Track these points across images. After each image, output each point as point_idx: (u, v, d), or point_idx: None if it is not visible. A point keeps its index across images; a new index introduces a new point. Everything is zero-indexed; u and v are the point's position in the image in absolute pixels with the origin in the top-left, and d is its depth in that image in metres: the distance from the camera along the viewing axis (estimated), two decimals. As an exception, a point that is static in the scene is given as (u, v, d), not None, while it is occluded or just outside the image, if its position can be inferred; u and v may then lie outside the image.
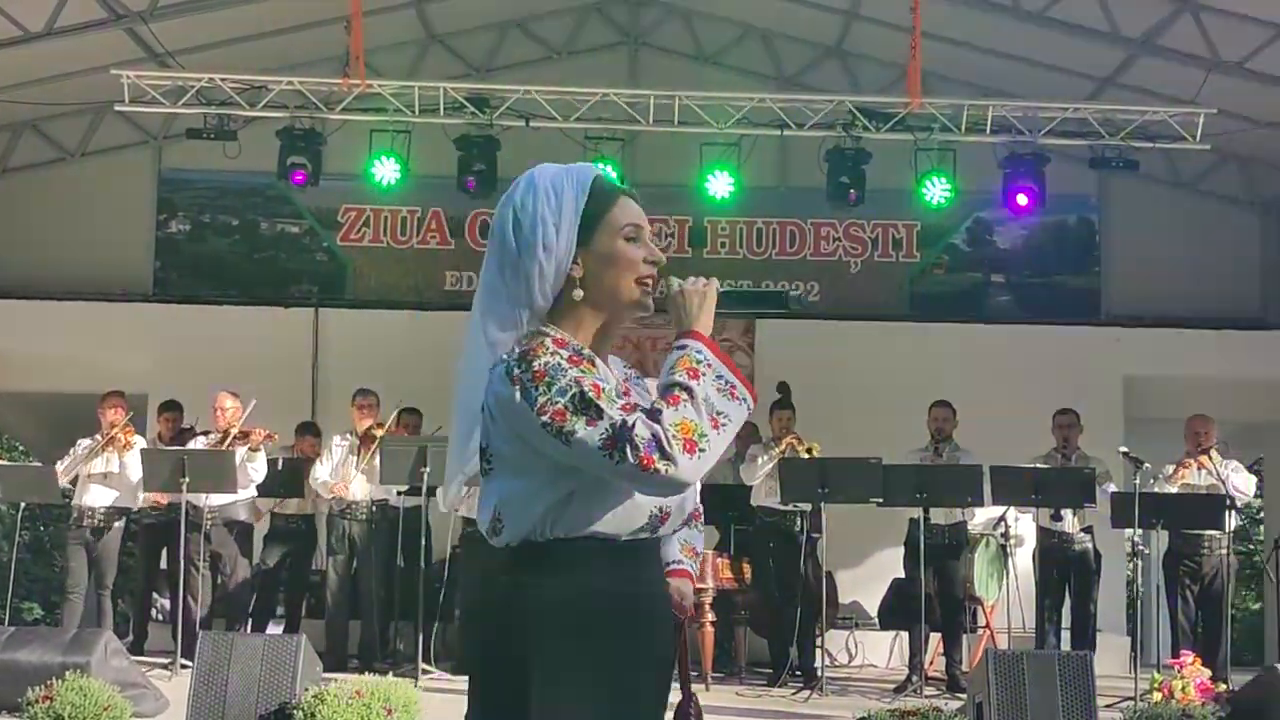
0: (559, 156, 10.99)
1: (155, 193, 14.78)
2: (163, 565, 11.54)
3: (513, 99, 12.38)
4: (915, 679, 10.34)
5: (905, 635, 11.05)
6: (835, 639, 11.94)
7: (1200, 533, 10.54)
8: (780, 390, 10.78)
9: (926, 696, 9.76)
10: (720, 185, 12.49)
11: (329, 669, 9.15)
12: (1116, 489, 10.59)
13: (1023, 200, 12.50)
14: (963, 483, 10.37)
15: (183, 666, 9.48)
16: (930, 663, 10.84)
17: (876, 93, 13.13)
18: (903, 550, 10.82)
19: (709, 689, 10.17)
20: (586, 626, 2.64)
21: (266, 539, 11.62)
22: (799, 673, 10.43)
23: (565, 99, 12.37)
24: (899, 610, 11.19)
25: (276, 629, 11.22)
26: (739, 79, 14.01)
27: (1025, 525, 11.46)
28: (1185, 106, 12.09)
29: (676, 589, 2.95)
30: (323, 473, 11.16)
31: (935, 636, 11.01)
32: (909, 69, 11.91)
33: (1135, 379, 14.03)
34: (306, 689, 7.21)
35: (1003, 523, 11.55)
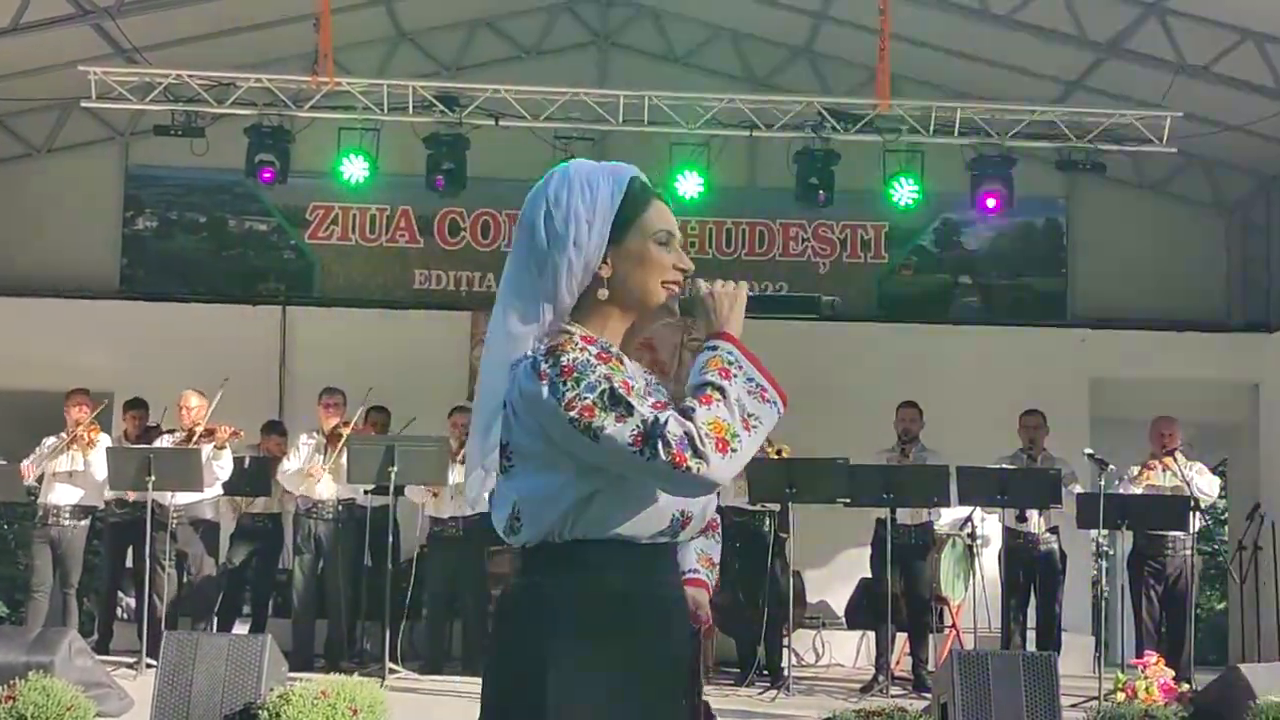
0: (528, 156, 11.12)
1: (122, 189, 14.70)
2: (128, 564, 11.49)
3: (482, 98, 12.37)
4: (881, 679, 10.38)
5: (872, 635, 11.09)
6: (802, 638, 11.97)
7: (1164, 533, 10.61)
8: None
9: (893, 696, 9.80)
10: (689, 185, 12.50)
11: (295, 668, 9.13)
12: (1082, 490, 10.65)
13: (990, 202, 12.55)
14: (929, 483, 10.41)
15: (148, 666, 9.43)
16: (897, 662, 10.88)
17: (845, 94, 13.17)
18: (870, 550, 10.86)
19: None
20: (604, 629, 2.61)
21: (233, 538, 11.58)
22: (766, 672, 10.45)
23: (535, 98, 12.36)
24: (866, 610, 11.23)
25: (242, 628, 11.18)
26: (709, 79, 14.03)
27: (991, 526, 11.51)
28: (1152, 110, 12.17)
29: (693, 598, 2.90)
30: (291, 465, 11.11)
31: (902, 636, 11.05)
32: (878, 71, 11.94)
33: (1101, 380, 14.11)
34: (272, 689, 7.19)
35: (969, 523, 11.60)
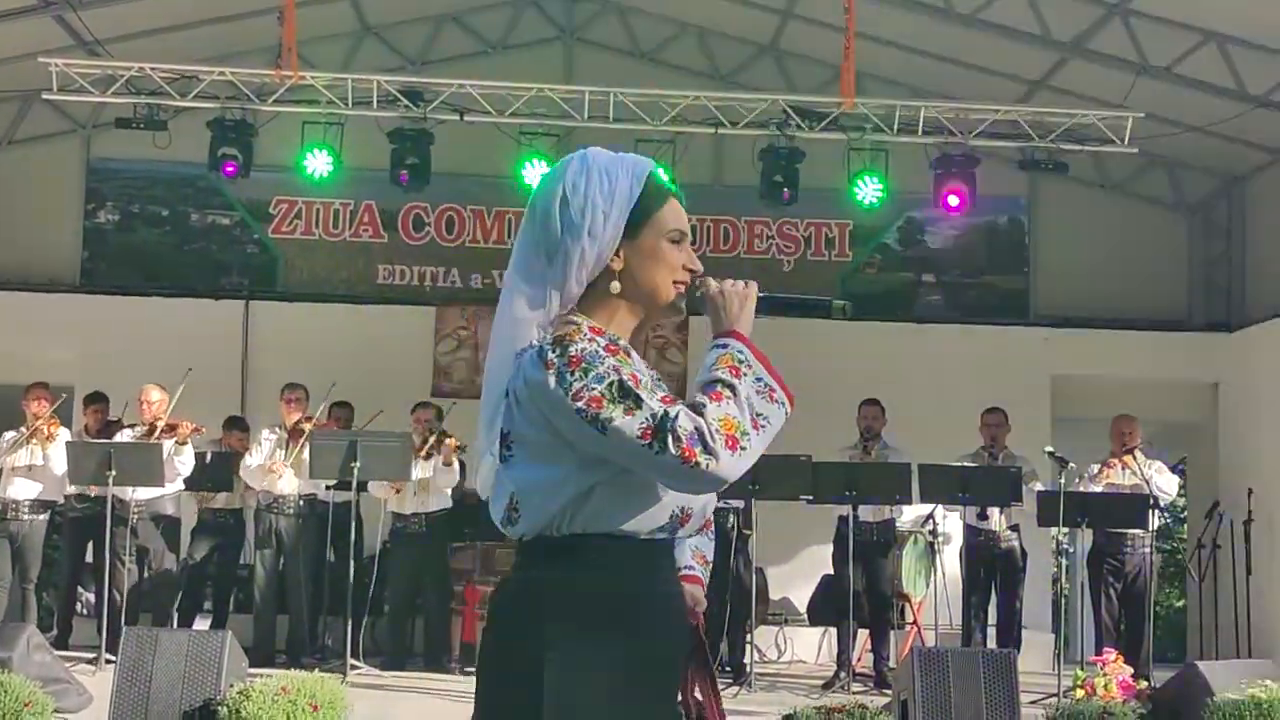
0: (493, 152, 11.08)
1: (84, 182, 14.59)
2: (88, 559, 11.43)
3: (447, 93, 12.33)
4: (843, 675, 10.42)
5: (834, 631, 11.12)
6: (764, 635, 11.99)
7: (1124, 532, 10.68)
8: None
9: (854, 693, 9.83)
10: (655, 182, 12.48)
11: (256, 664, 9.11)
12: (1043, 488, 10.70)
13: (954, 201, 12.59)
14: (891, 480, 10.45)
15: (107, 661, 9.38)
16: (858, 659, 10.92)
17: (810, 92, 13.19)
18: (832, 547, 10.89)
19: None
20: (601, 625, 2.58)
21: (194, 533, 11.52)
22: (728, 668, 10.47)
23: (500, 93, 12.34)
24: (828, 607, 11.26)
25: (203, 624, 11.14)
26: (674, 76, 14.03)
27: (953, 523, 11.56)
28: (1114, 110, 12.24)
29: (690, 595, 2.86)
30: (253, 460, 11.07)
31: (863, 633, 11.08)
32: (843, 69, 11.96)
33: (1063, 379, 14.19)
34: (232, 685, 7.17)
35: (930, 520, 11.64)
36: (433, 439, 11.03)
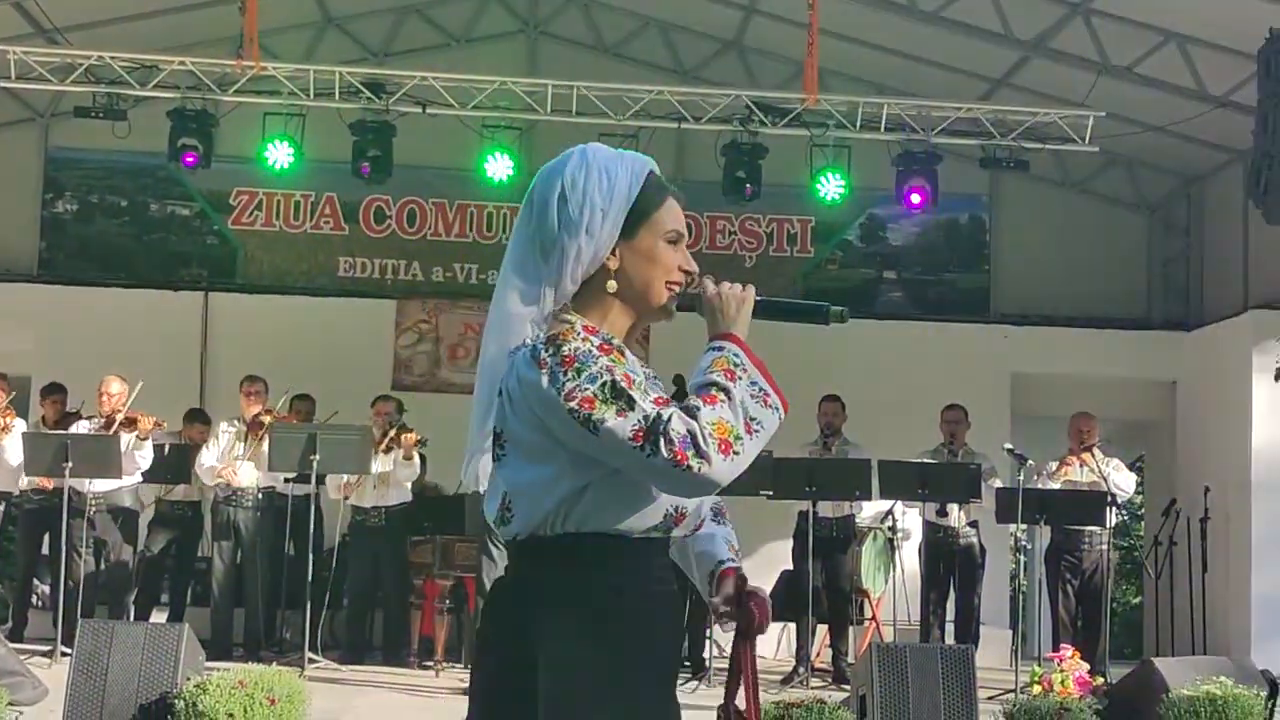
0: (455, 144, 11.05)
1: (42, 171, 14.47)
2: (44, 551, 11.34)
3: (409, 85, 12.30)
4: (802, 670, 10.44)
5: (793, 627, 11.14)
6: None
7: (1081, 528, 10.75)
8: (675, 384, 10.81)
9: (812, 688, 9.85)
10: (617, 176, 12.48)
11: (214, 658, 9.06)
12: (1002, 485, 10.75)
13: (915, 198, 12.64)
14: (851, 476, 10.48)
15: (63, 654, 9.32)
16: (817, 654, 10.95)
17: (774, 88, 13.22)
18: (792, 543, 10.92)
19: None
20: (596, 626, 2.56)
21: (151, 525, 11.46)
22: (687, 663, 10.47)
23: (462, 86, 12.31)
24: (787, 602, 11.27)
25: (160, 617, 11.09)
26: (638, 70, 14.02)
27: (912, 519, 11.60)
28: (1075, 109, 12.30)
29: (734, 584, 2.78)
30: (209, 458, 11.04)
31: (822, 628, 11.11)
32: (806, 65, 11.98)
33: (1022, 376, 14.25)
34: (188, 678, 7.12)
35: (890, 516, 11.69)
36: (393, 432, 11.00)
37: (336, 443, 10.30)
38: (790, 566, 11.15)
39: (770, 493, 10.36)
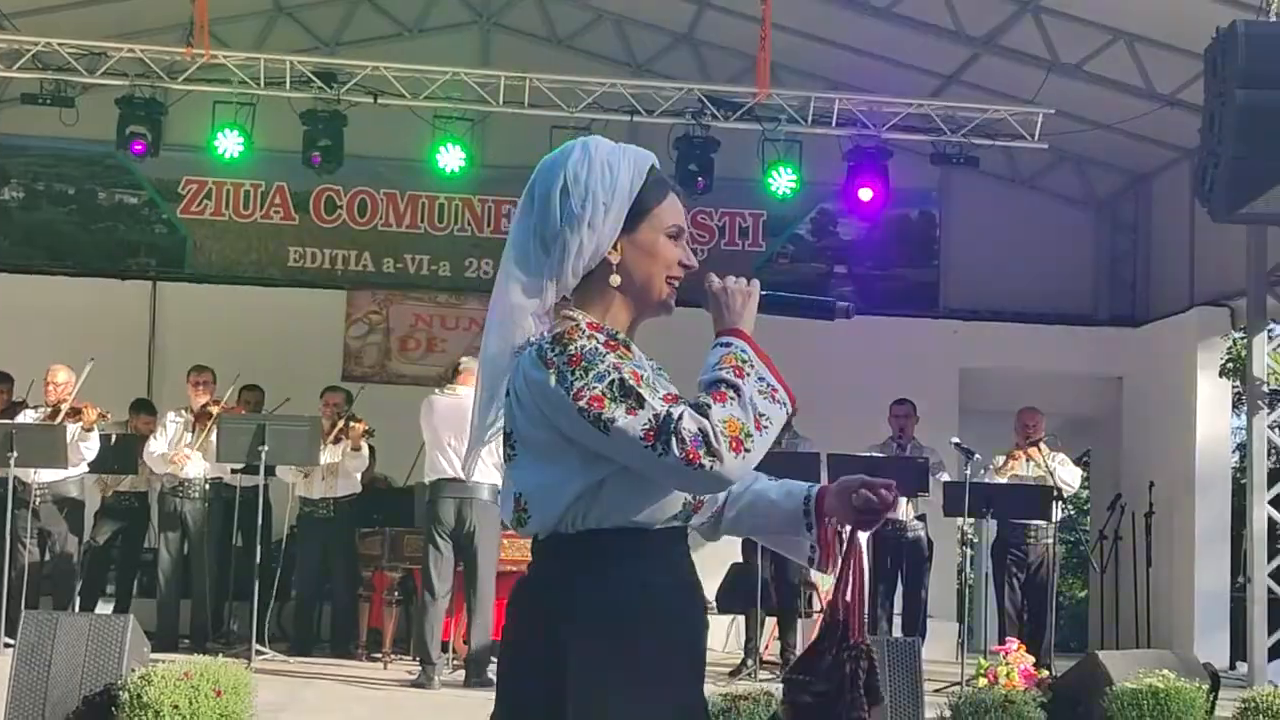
0: (407, 135, 10.97)
1: (-13, 159, 14.34)
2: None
3: (361, 75, 12.25)
4: (750, 663, 10.48)
5: (742, 619, 11.18)
6: (673, 623, 12.01)
7: (1027, 523, 10.83)
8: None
9: (760, 680, 9.88)
10: (569, 169, 12.47)
11: (160, 649, 9.02)
12: (949, 479, 10.82)
13: (866, 194, 12.69)
14: (801, 470, 10.44)
15: (6, 645, 9.23)
16: (765, 647, 10.98)
17: (726, 82, 13.24)
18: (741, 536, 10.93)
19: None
20: (622, 621, 2.55)
21: (98, 516, 11.37)
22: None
23: (414, 77, 12.26)
24: (736, 594, 11.31)
25: (106, 608, 11.00)
26: (590, 63, 14.01)
27: (860, 513, 11.63)
28: (1025, 106, 12.39)
29: (844, 486, 2.80)
30: (157, 447, 10.95)
31: (771, 621, 11.15)
32: (758, 59, 12.01)
33: (971, 371, 14.33)
34: (134, 670, 7.07)
35: (839, 510, 11.71)
36: (341, 423, 10.96)
37: (285, 433, 10.25)
38: (739, 559, 11.18)
39: (721, 485, 10.36)
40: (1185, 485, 13.30)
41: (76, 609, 10.59)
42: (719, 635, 12.32)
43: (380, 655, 10.38)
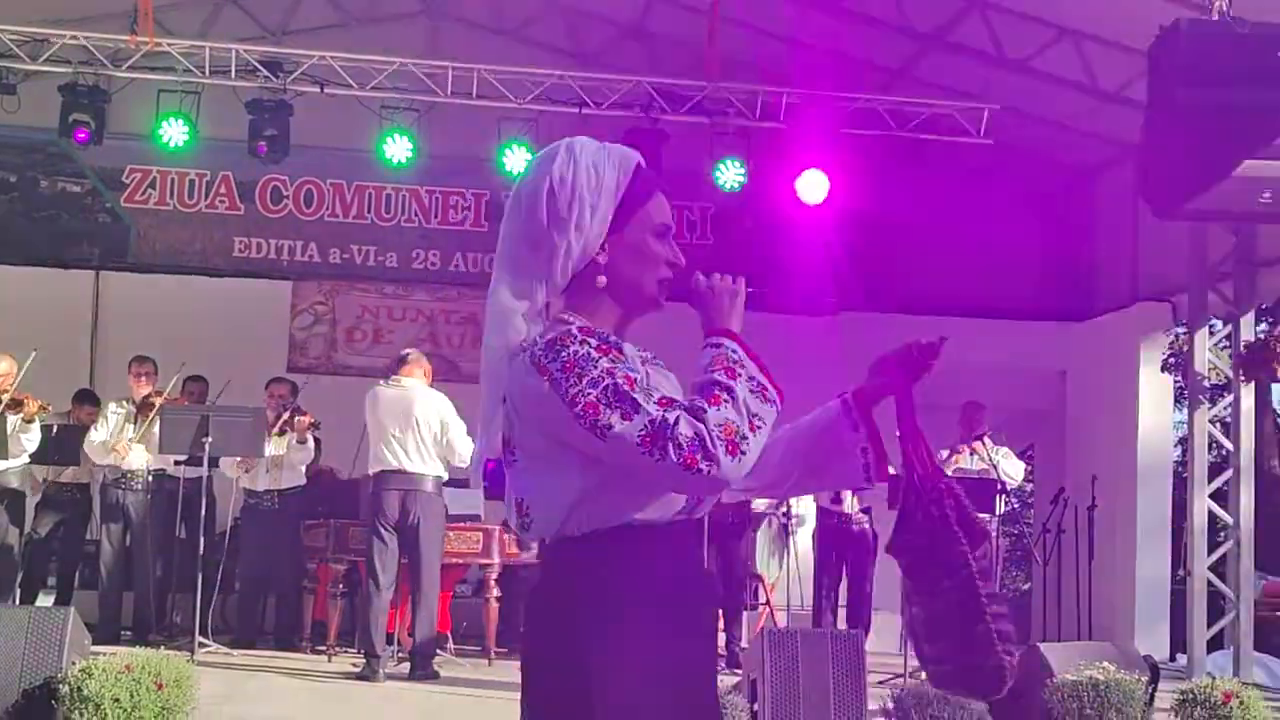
0: (353, 125, 10.88)
1: (-73, 146, 14.16)
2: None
3: (307, 64, 12.16)
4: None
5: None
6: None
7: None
8: None
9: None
10: (517, 160, 12.45)
11: (101, 641, 8.95)
12: (895, 472, 10.86)
13: (814, 188, 12.70)
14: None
15: (-55, 638, 9.14)
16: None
17: (675, 75, 13.23)
18: (686, 528, 10.96)
19: (492, 663, 10.21)
20: (637, 619, 2.57)
21: (39, 507, 11.27)
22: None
23: (361, 66, 12.19)
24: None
25: (48, 600, 10.93)
26: (539, 54, 13.96)
27: (806, 505, 11.71)
28: (971, 101, 12.45)
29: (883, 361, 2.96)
30: (99, 437, 10.87)
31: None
32: (707, 53, 12.02)
33: (916, 365, 14.35)
34: (74, 663, 7.01)
35: (785, 503, 11.78)
36: (286, 415, 10.91)
37: (229, 425, 10.18)
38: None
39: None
40: (1127, 479, 13.43)
41: (17, 601, 10.51)
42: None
43: (325, 648, 10.34)
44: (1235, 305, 11.75)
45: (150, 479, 10.94)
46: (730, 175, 12.69)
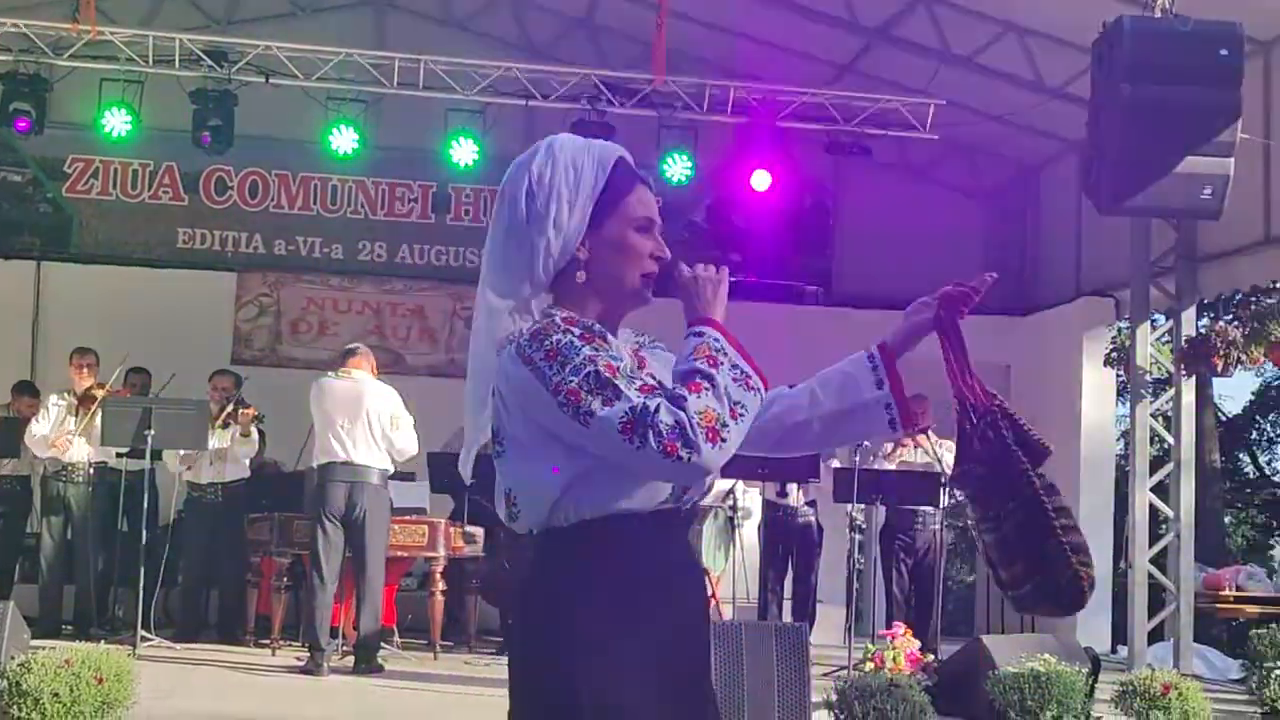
0: (299, 116, 10.84)
1: None
2: None
3: (252, 54, 12.08)
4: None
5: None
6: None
7: (915, 509, 10.97)
8: None
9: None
10: (464, 153, 12.42)
11: (42, 636, 8.89)
12: (840, 465, 10.92)
13: (761, 181, 12.74)
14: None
15: (-119, 633, 9.04)
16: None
17: (623, 68, 13.22)
18: (634, 521, 10.96)
19: (437, 657, 10.18)
20: (625, 609, 2.59)
21: (-23, 501, 11.17)
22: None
23: (307, 57, 12.11)
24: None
25: (-13, 594, 10.81)
26: (486, 46, 13.91)
27: (752, 498, 11.73)
28: (917, 96, 12.51)
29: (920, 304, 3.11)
30: (40, 430, 10.76)
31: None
32: (654, 46, 12.02)
33: (863, 359, 14.43)
34: (13, 657, 6.95)
35: (731, 496, 11.79)
36: (230, 407, 10.84)
37: (172, 417, 10.11)
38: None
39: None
40: (1070, 472, 13.52)
41: (-45, 595, 10.39)
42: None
43: (269, 641, 10.28)
44: (1177, 300, 11.86)
45: (92, 471, 10.84)
46: (678, 169, 12.69)
